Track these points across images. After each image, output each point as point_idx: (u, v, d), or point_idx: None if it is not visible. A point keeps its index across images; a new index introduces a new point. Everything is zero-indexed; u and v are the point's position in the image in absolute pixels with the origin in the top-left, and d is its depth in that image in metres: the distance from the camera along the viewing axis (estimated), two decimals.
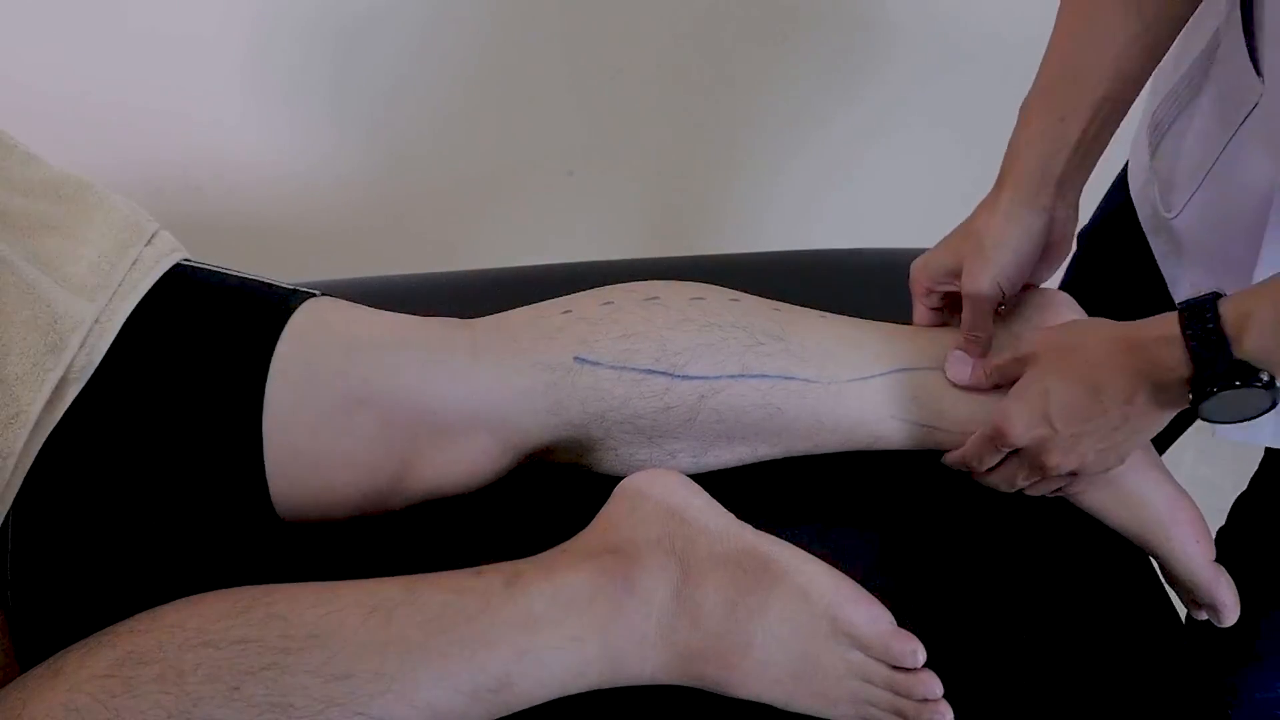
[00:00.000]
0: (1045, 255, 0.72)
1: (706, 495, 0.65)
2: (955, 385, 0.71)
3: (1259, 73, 0.64)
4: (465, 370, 0.68)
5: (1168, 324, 0.57)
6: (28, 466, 0.60)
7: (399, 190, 1.47)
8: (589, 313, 0.70)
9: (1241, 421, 0.58)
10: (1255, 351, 0.55)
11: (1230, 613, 0.69)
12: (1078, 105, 0.67)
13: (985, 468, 0.69)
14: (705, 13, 1.36)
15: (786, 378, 0.70)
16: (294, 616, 0.57)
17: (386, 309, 0.72)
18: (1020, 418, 0.65)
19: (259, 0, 1.26)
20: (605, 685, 0.61)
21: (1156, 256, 0.78)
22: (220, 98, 1.33)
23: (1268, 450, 0.76)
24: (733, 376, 0.69)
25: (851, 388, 0.71)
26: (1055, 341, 0.66)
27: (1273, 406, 0.57)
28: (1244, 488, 0.79)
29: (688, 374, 0.69)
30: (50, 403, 0.61)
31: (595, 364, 0.68)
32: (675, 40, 1.38)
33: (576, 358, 0.68)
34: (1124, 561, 0.74)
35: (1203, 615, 0.71)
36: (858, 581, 0.62)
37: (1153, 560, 0.73)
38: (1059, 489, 0.69)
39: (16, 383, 0.60)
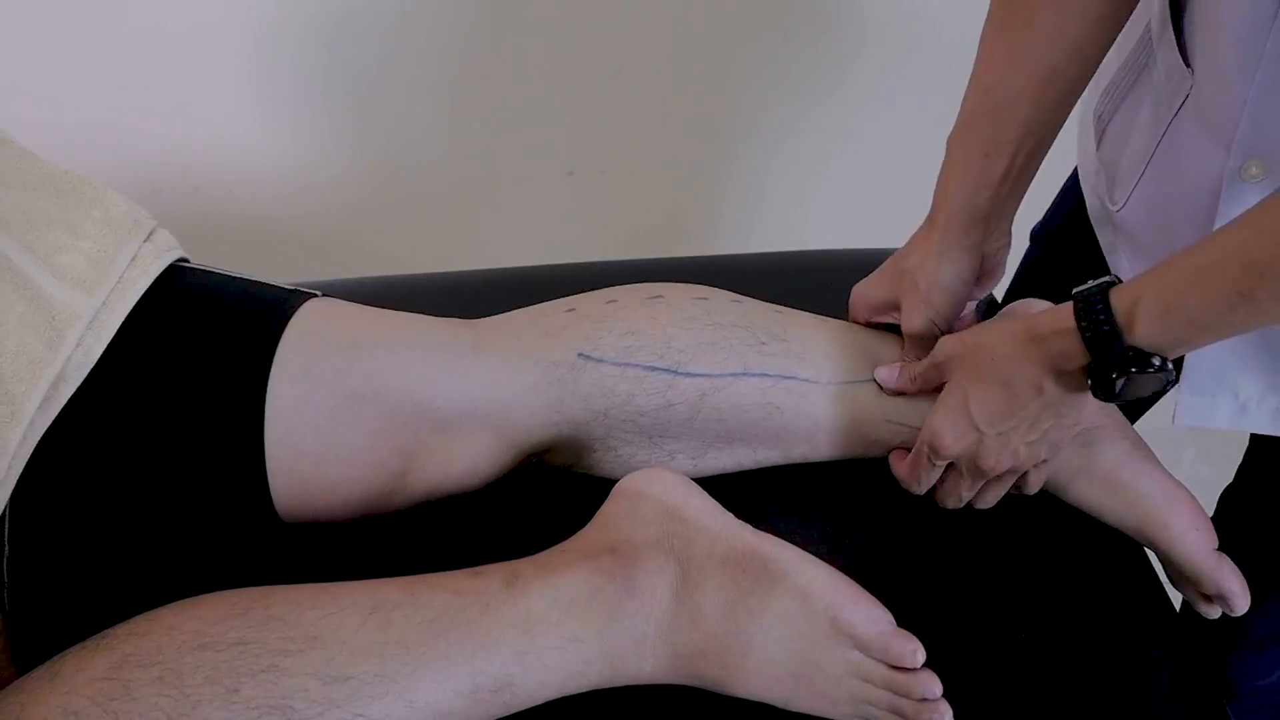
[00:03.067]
0: (978, 282, 0.74)
1: (705, 495, 0.65)
2: (885, 390, 0.72)
3: (1189, 65, 0.65)
4: (468, 367, 0.68)
5: (1064, 316, 0.59)
6: (23, 465, 0.60)
7: (399, 190, 1.47)
8: (593, 311, 0.71)
9: (1140, 400, 0.60)
10: (1145, 338, 0.56)
11: (1239, 600, 0.69)
12: (1000, 141, 0.67)
13: (927, 484, 0.70)
14: (706, 12, 1.36)
15: (787, 377, 0.71)
16: (293, 618, 0.57)
17: (386, 309, 0.72)
18: (947, 429, 0.66)
19: (260, 1, 1.26)
20: (605, 685, 0.61)
21: (1103, 249, 0.79)
22: (220, 98, 1.33)
23: (1251, 440, 0.76)
24: (735, 374, 0.70)
25: (848, 390, 0.72)
26: (962, 345, 0.67)
27: (1169, 387, 0.58)
28: None
29: (690, 371, 0.69)
30: (46, 400, 0.61)
31: (599, 360, 0.68)
32: (675, 40, 1.38)
33: (580, 354, 0.69)
34: (1121, 560, 0.74)
35: (1215, 612, 0.71)
36: (857, 582, 0.62)
37: (1156, 562, 0.73)
38: (1009, 488, 0.70)
39: (12, 379, 0.59)
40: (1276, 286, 0.51)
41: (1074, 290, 0.59)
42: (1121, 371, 0.57)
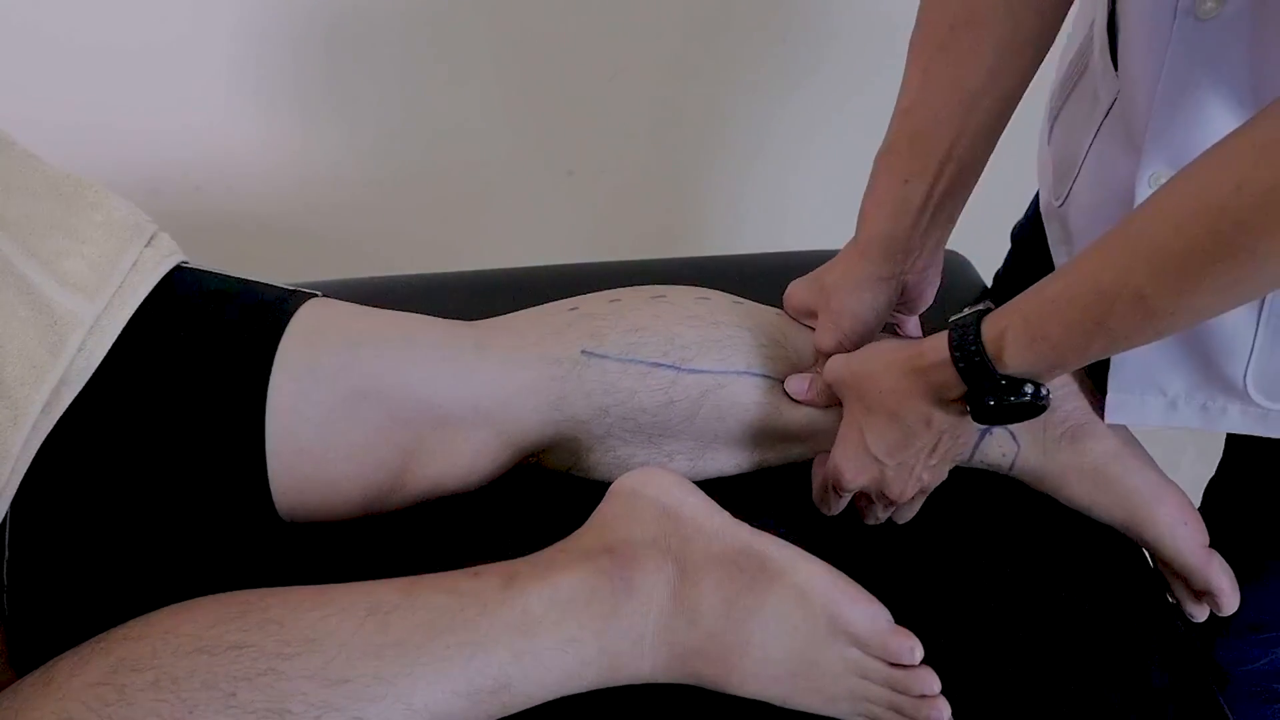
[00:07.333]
0: (905, 305, 0.73)
1: (702, 494, 0.65)
2: (796, 400, 0.71)
3: (1117, 69, 0.64)
4: (470, 365, 0.68)
5: (941, 347, 0.59)
6: (25, 469, 0.60)
7: (399, 190, 1.48)
8: (596, 309, 0.71)
9: (1016, 423, 0.60)
10: (1015, 365, 0.57)
11: (1228, 598, 0.69)
12: (921, 168, 0.66)
13: (837, 510, 0.71)
14: (705, 12, 1.36)
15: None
16: (290, 621, 0.57)
17: (387, 309, 0.72)
18: (848, 463, 0.67)
19: (256, 0, 1.26)
20: (603, 685, 0.61)
21: (1050, 244, 0.78)
22: (219, 98, 1.33)
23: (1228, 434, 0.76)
24: (738, 373, 0.70)
25: None
26: (850, 372, 0.67)
27: (1043, 410, 0.59)
28: None
29: (694, 368, 0.69)
30: (48, 404, 0.61)
31: (603, 356, 0.69)
32: (675, 40, 1.38)
33: (584, 350, 0.69)
34: (1118, 557, 0.74)
35: (1203, 614, 0.71)
36: (855, 580, 0.62)
37: (1150, 558, 0.73)
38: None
39: (15, 384, 0.59)
40: (1127, 316, 0.51)
41: (950, 319, 0.59)
42: (996, 399, 0.58)
